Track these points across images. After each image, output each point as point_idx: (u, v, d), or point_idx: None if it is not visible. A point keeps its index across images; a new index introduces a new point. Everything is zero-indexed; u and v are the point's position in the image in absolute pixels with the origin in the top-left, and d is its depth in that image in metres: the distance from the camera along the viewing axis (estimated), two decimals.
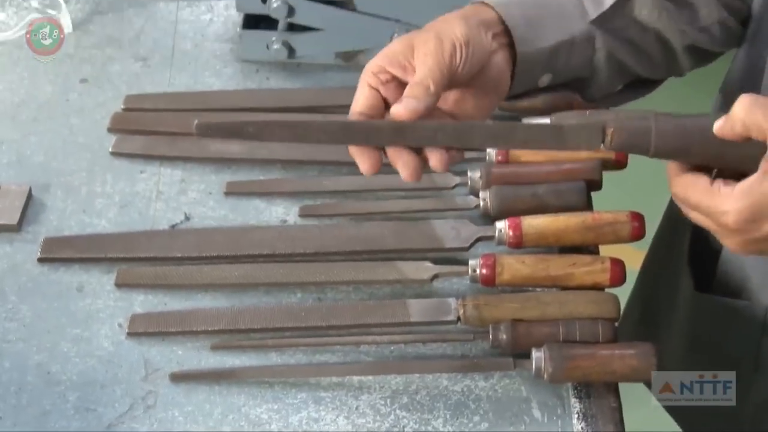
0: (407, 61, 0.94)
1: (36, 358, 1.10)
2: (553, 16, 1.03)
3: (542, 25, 1.01)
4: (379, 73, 0.96)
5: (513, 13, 1.00)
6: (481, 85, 0.99)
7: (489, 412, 1.04)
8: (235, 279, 1.17)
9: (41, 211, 1.25)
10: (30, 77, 1.44)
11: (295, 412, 1.05)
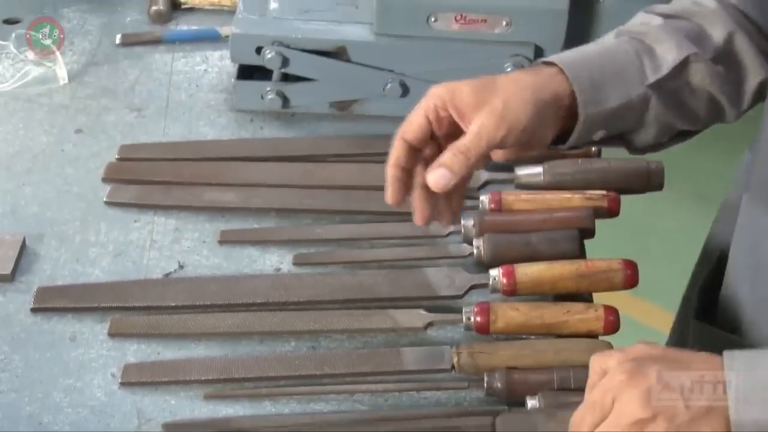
0: (468, 109, 0.96)
1: (28, 408, 1.08)
2: (615, 77, 1.03)
3: (605, 87, 1.02)
4: (441, 107, 0.97)
5: (582, 77, 1.00)
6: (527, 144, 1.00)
7: None
8: (229, 328, 1.16)
9: (35, 261, 1.24)
10: (25, 128, 1.44)
11: None
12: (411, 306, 1.16)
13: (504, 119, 0.95)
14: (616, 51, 1.06)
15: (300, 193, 1.32)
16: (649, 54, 1.05)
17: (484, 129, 0.95)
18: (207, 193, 1.32)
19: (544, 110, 0.98)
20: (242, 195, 1.31)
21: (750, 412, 0.85)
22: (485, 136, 0.95)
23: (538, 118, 0.97)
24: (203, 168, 1.36)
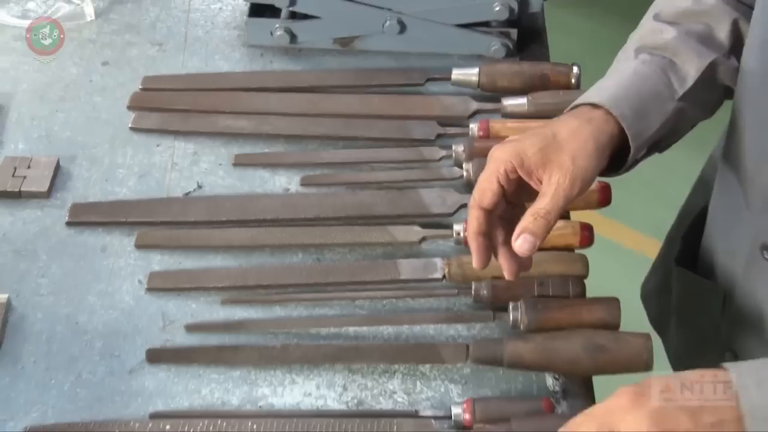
0: (537, 168, 0.93)
1: (65, 310, 1.11)
2: (652, 100, 1.01)
3: (646, 113, 1.00)
4: (510, 171, 0.94)
5: (626, 114, 0.97)
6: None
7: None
8: (243, 241, 1.18)
9: (68, 180, 1.26)
10: (57, 60, 1.44)
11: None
12: (407, 222, 1.17)
13: (576, 176, 0.92)
14: (645, 75, 1.02)
15: (306, 120, 1.33)
16: (672, 68, 1.02)
17: (561, 188, 0.92)
18: (222, 120, 1.32)
19: (604, 155, 0.96)
20: (254, 122, 1.32)
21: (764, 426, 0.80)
22: (563, 195, 0.92)
23: (600, 165, 0.95)
24: (218, 98, 1.36)
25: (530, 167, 0.93)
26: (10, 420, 1.00)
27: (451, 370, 1.05)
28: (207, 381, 1.05)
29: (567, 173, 0.92)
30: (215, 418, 1.00)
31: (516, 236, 0.92)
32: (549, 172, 0.93)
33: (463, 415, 0.98)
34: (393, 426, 0.98)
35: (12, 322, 1.09)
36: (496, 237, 0.97)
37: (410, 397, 1.03)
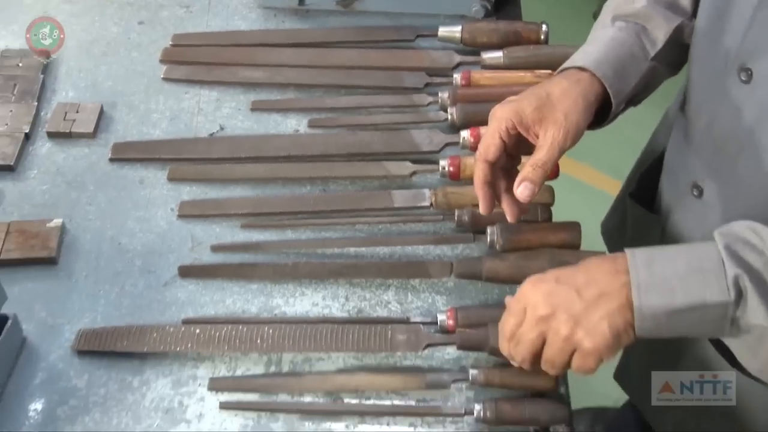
0: (534, 124, 0.92)
1: (109, 233, 1.10)
2: (629, 62, 1.00)
3: (625, 73, 0.99)
4: (511, 128, 0.93)
5: (608, 74, 0.97)
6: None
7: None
8: (259, 175, 1.17)
9: (110, 123, 1.24)
10: (100, 20, 1.41)
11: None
12: (399, 159, 1.16)
13: (568, 129, 0.91)
14: (622, 40, 1.01)
15: (313, 72, 1.31)
16: (644, 33, 1.02)
17: (556, 141, 0.91)
18: (241, 71, 1.30)
19: (591, 111, 0.95)
20: (268, 73, 1.30)
21: (649, 300, 0.81)
22: (557, 148, 0.91)
23: (588, 120, 0.94)
24: (238, 52, 1.34)
25: (528, 124, 0.92)
26: (67, 324, 1.01)
27: (437, 283, 1.05)
28: (230, 293, 1.04)
29: (561, 128, 0.91)
30: (237, 323, 1.00)
31: (518, 184, 0.91)
32: (545, 128, 0.92)
33: (447, 321, 0.98)
34: (387, 331, 0.97)
35: (66, 243, 1.09)
36: (499, 187, 0.96)
37: (402, 307, 1.03)
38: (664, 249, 0.85)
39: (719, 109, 0.96)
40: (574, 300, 0.83)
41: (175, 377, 0.97)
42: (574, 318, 0.82)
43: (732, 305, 0.80)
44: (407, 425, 0.93)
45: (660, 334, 0.83)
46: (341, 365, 0.97)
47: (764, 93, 0.90)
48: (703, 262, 0.81)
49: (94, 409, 0.94)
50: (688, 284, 0.81)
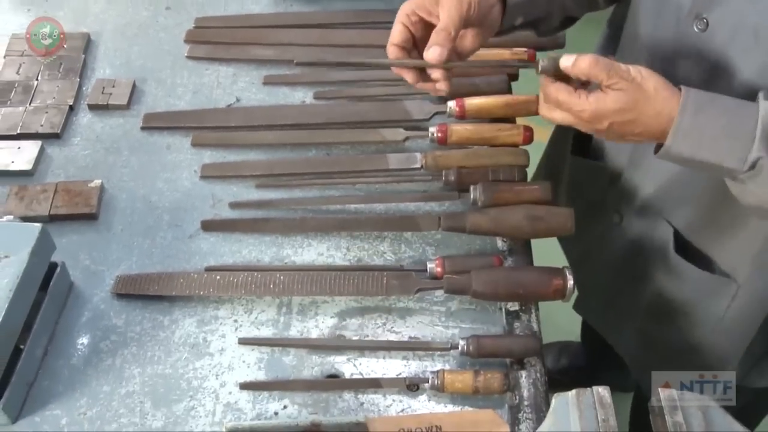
0: (433, 6, 0.87)
1: (142, 191, 1.08)
2: None
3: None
4: (411, 15, 0.88)
5: None
6: (481, 27, 0.92)
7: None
8: (271, 140, 1.14)
9: (141, 96, 1.21)
10: (132, 6, 1.38)
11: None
12: (394, 126, 1.13)
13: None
14: None
15: (318, 50, 1.27)
16: None
17: (452, 7, 0.85)
18: (254, 50, 1.27)
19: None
20: (278, 51, 1.26)
21: (679, 146, 0.81)
22: (455, 12, 0.85)
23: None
24: (251, 33, 1.30)
25: (427, 6, 0.87)
26: (107, 270, 1.00)
27: (426, 235, 1.03)
28: (246, 244, 1.02)
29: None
30: (252, 271, 0.98)
31: (427, 49, 0.86)
32: (442, 4, 0.87)
33: (436, 269, 0.96)
34: (383, 277, 0.95)
35: (105, 200, 1.07)
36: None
37: (396, 256, 1.01)
38: (716, 100, 0.81)
39: (676, 59, 0.91)
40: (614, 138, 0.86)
41: (199, 317, 0.95)
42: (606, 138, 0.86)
43: (741, 173, 0.79)
44: (401, 358, 0.91)
45: (673, 162, 0.84)
46: (343, 307, 0.96)
47: (720, 40, 0.86)
48: (738, 129, 0.79)
49: (131, 344, 0.93)
50: (716, 145, 0.80)
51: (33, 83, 1.20)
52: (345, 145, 1.14)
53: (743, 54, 0.84)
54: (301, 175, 1.09)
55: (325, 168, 1.10)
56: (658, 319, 1.10)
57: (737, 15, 0.84)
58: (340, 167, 1.10)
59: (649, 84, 0.81)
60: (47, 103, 1.18)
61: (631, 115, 0.82)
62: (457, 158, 1.06)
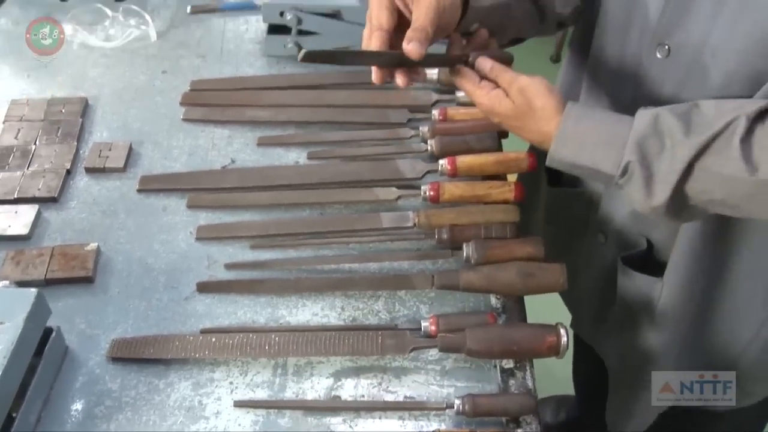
0: (410, 4, 0.89)
1: (138, 254, 1.08)
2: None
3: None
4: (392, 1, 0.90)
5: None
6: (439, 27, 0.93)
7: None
8: (266, 201, 1.14)
9: (138, 158, 1.22)
10: (130, 71, 1.40)
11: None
12: (386, 185, 1.14)
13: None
14: None
15: (311, 110, 1.28)
16: None
17: (430, 9, 0.88)
18: (249, 111, 1.29)
19: None
20: (272, 112, 1.28)
21: (561, 151, 0.86)
22: (432, 8, 0.87)
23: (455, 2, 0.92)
24: (246, 95, 1.32)
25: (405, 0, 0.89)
26: (102, 334, 0.99)
27: (420, 294, 1.03)
28: (241, 305, 1.02)
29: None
30: (247, 332, 0.97)
31: (406, 44, 0.87)
32: (418, 4, 0.89)
33: (430, 327, 0.95)
34: (378, 336, 0.95)
35: (101, 263, 1.07)
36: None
37: (391, 315, 1.01)
38: (597, 112, 0.88)
39: (641, 84, 0.94)
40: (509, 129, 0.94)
41: (195, 379, 0.94)
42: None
43: (616, 178, 0.84)
44: (397, 418, 0.90)
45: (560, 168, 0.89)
46: (339, 367, 0.95)
47: (682, 64, 0.89)
48: (614, 137, 0.84)
49: (126, 409, 0.92)
50: (595, 150, 0.85)
51: (31, 148, 1.21)
52: (338, 204, 1.14)
53: (703, 75, 0.88)
54: (295, 236, 1.10)
55: (319, 228, 1.10)
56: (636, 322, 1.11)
57: (697, 38, 0.87)
58: (333, 227, 1.10)
59: (537, 103, 0.88)
60: (45, 167, 1.18)
61: (517, 123, 0.91)
62: (449, 216, 1.07)
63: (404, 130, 1.24)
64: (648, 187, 0.83)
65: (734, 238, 0.96)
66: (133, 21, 1.49)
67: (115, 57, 1.43)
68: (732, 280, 0.99)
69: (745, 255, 0.97)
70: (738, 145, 0.78)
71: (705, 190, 0.81)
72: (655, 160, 0.82)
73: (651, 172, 0.82)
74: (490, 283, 0.97)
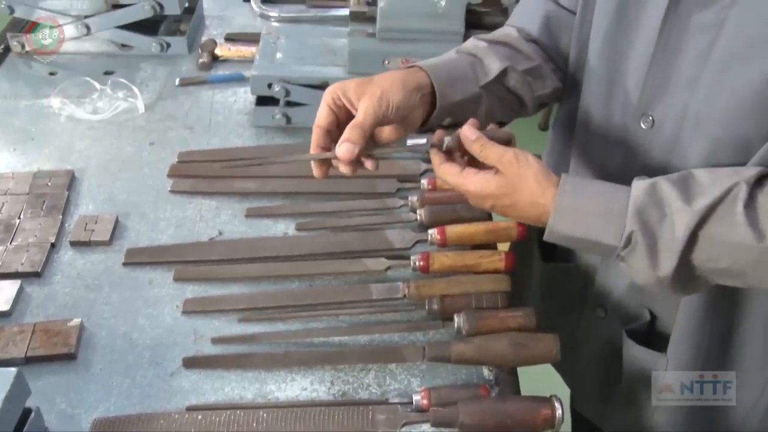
0: (355, 98, 0.91)
1: (122, 329, 1.06)
2: (461, 78, 0.99)
3: (454, 85, 0.98)
4: (336, 99, 0.92)
5: (440, 75, 0.97)
6: (401, 124, 0.96)
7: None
8: (254, 273, 1.13)
9: (124, 231, 1.21)
10: (117, 143, 1.40)
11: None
12: (375, 255, 1.13)
13: (382, 99, 0.90)
14: (458, 61, 1.02)
15: (299, 181, 1.28)
16: (480, 65, 1.01)
17: (370, 106, 0.89)
18: (237, 183, 1.29)
19: (411, 94, 0.93)
20: (260, 183, 1.28)
21: (558, 225, 0.85)
22: (371, 112, 0.89)
23: (407, 100, 0.93)
24: (234, 166, 1.31)
25: (351, 97, 0.91)
26: (84, 413, 0.96)
27: (411, 366, 1.01)
28: (228, 381, 1.00)
29: (374, 96, 0.90)
30: (235, 409, 0.95)
31: (339, 145, 0.89)
32: (363, 99, 0.90)
33: (422, 401, 0.93)
34: (369, 412, 0.93)
35: (84, 339, 1.04)
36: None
37: (381, 389, 0.99)
38: (593, 183, 0.87)
39: (628, 155, 0.94)
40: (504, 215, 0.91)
41: None
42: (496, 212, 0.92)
43: (619, 250, 0.83)
44: None
45: (559, 243, 0.87)
46: None
47: (667, 134, 0.89)
48: (613, 208, 0.83)
49: None
50: (594, 222, 0.83)
51: (15, 222, 1.20)
52: (327, 276, 1.13)
53: (689, 144, 0.89)
54: (284, 308, 1.08)
55: (308, 300, 1.09)
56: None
57: (679, 107, 0.88)
58: (323, 299, 1.09)
59: (529, 173, 0.87)
60: (29, 241, 1.17)
61: (509, 201, 0.88)
62: (439, 286, 1.06)
63: (393, 199, 1.24)
64: (653, 257, 0.82)
65: (735, 308, 0.96)
66: (121, 93, 1.50)
67: (102, 129, 1.43)
68: (733, 347, 0.98)
69: (745, 324, 0.96)
70: (742, 211, 0.78)
71: (711, 258, 0.81)
72: (657, 228, 0.81)
73: (654, 240, 0.82)
74: (482, 354, 0.96)
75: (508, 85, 1.03)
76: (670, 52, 0.88)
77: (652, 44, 0.89)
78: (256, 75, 1.40)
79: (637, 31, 0.92)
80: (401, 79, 0.94)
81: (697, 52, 0.86)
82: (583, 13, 1.02)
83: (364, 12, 1.41)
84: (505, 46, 1.05)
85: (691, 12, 0.85)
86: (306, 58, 1.43)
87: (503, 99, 1.04)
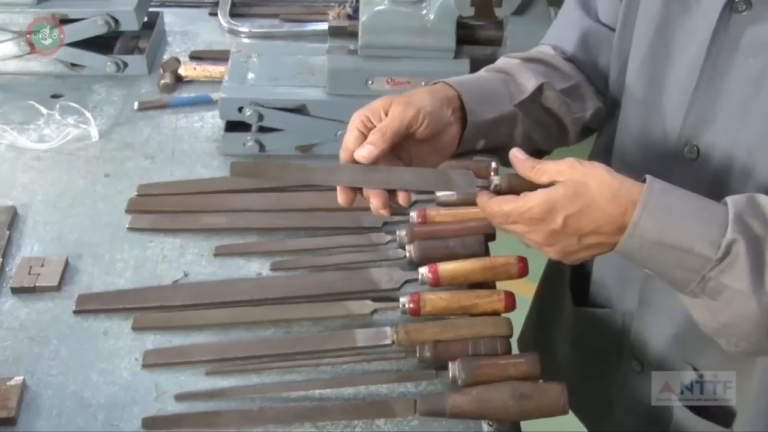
0: (384, 113, 0.93)
1: (72, 387, 1.05)
2: (492, 96, 1.00)
3: (486, 102, 0.99)
4: (365, 121, 0.93)
5: (468, 91, 0.98)
6: (436, 145, 0.97)
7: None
8: (223, 320, 1.13)
9: (75, 274, 1.21)
10: (67, 174, 1.40)
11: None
12: (360, 297, 1.13)
13: (409, 104, 0.92)
14: (488, 79, 1.04)
15: (274, 215, 1.29)
16: (513, 82, 1.03)
17: (397, 110, 0.91)
18: (204, 218, 1.29)
19: (441, 104, 0.95)
20: (230, 218, 1.29)
21: (647, 222, 0.81)
22: (397, 115, 0.91)
23: (438, 109, 0.94)
24: (201, 199, 1.33)
25: (379, 113, 0.93)
26: None
27: (402, 422, 1.01)
28: None
29: (401, 102, 0.92)
30: None
31: (360, 148, 0.90)
32: (390, 108, 0.93)
33: None
34: None
35: (26, 400, 1.03)
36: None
37: None
38: (677, 188, 0.83)
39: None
40: (573, 244, 0.86)
41: None
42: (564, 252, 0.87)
43: (713, 263, 0.79)
44: None
45: (634, 258, 0.83)
46: None
47: (715, 166, 0.89)
48: (710, 214, 0.80)
49: None
50: (687, 225, 0.80)
51: None
52: (306, 321, 1.13)
53: (741, 177, 0.88)
54: (257, 359, 1.08)
55: (284, 349, 1.09)
56: None
57: (728, 138, 0.88)
58: (301, 347, 1.09)
59: (597, 168, 0.85)
60: None
61: (584, 201, 0.83)
62: (432, 331, 1.06)
63: (379, 235, 1.25)
64: (758, 275, 0.78)
65: None
66: (71, 119, 1.51)
67: (49, 160, 1.44)
68: None
69: None
70: None
71: None
72: (765, 240, 0.78)
73: (761, 253, 0.78)
74: (480, 407, 0.96)
75: (546, 105, 1.04)
76: (719, 74, 0.88)
77: (699, 64, 0.89)
78: (225, 98, 1.41)
79: (681, 48, 0.93)
80: (428, 89, 0.97)
81: (750, 74, 0.86)
82: (622, 29, 1.03)
83: (345, 26, 1.43)
84: (541, 63, 1.07)
85: (743, 29, 0.86)
86: (281, 79, 1.45)
87: (541, 121, 1.05)
